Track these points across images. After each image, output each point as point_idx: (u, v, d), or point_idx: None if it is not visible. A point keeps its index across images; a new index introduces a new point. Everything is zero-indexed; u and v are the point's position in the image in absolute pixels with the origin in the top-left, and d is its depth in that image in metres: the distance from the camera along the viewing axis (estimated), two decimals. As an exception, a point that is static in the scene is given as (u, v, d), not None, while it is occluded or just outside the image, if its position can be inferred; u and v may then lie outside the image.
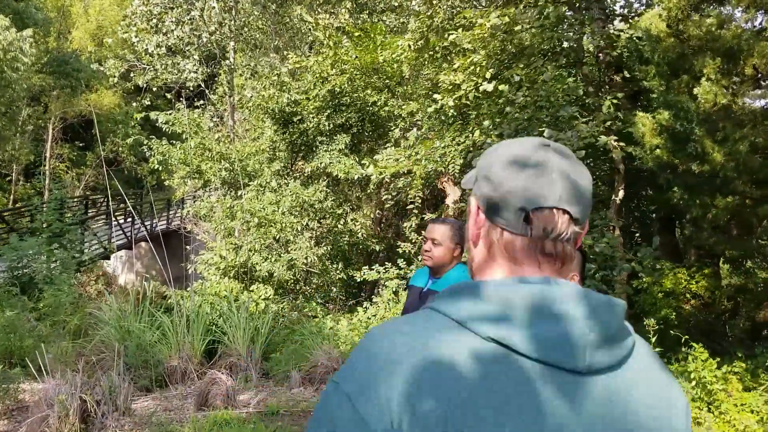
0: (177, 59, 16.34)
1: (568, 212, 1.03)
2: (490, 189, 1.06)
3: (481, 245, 1.10)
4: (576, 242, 1.06)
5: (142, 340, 8.77)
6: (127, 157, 31.90)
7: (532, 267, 1.04)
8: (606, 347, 0.96)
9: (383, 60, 12.50)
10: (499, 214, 1.05)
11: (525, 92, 9.11)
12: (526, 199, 1.02)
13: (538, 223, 1.02)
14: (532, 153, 1.06)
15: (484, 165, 1.11)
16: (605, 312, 0.97)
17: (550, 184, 1.02)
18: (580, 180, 1.06)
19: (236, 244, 12.96)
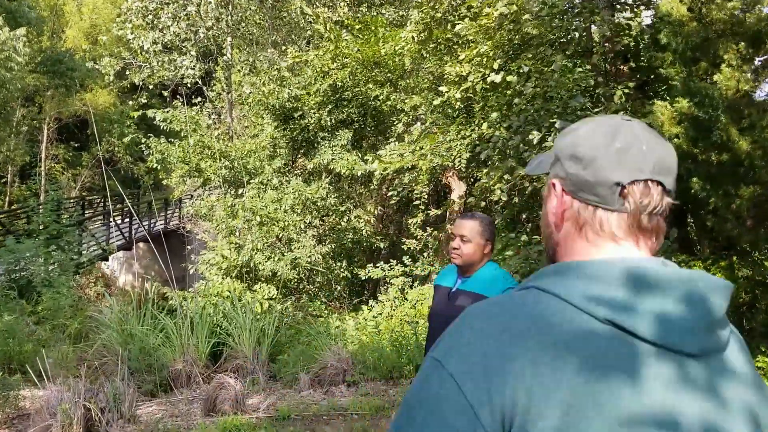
0: (174, 56, 16.07)
1: (661, 184, 1.00)
2: (580, 167, 1.03)
3: (569, 226, 1.07)
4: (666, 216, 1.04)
5: (145, 344, 8.57)
6: (123, 156, 31.61)
7: (630, 243, 1.02)
8: (716, 330, 0.95)
9: (385, 53, 12.26)
10: (592, 192, 1.02)
11: (534, 83, 8.89)
12: (621, 172, 0.99)
13: (634, 197, 1.00)
14: (617, 128, 1.03)
15: (567, 145, 1.08)
16: (718, 295, 0.95)
17: (643, 156, 1.00)
18: (667, 151, 1.03)
19: (238, 244, 12.73)
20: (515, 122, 8.90)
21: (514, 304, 0.97)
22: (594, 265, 0.97)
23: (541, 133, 8.34)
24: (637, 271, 0.94)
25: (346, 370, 7.84)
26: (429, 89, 12.56)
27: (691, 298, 0.93)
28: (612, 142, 1.02)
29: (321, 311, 12.69)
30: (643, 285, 0.93)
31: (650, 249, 1.03)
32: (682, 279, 0.95)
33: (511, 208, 10.46)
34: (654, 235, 1.03)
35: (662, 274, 0.94)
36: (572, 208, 1.06)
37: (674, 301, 0.92)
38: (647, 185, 0.99)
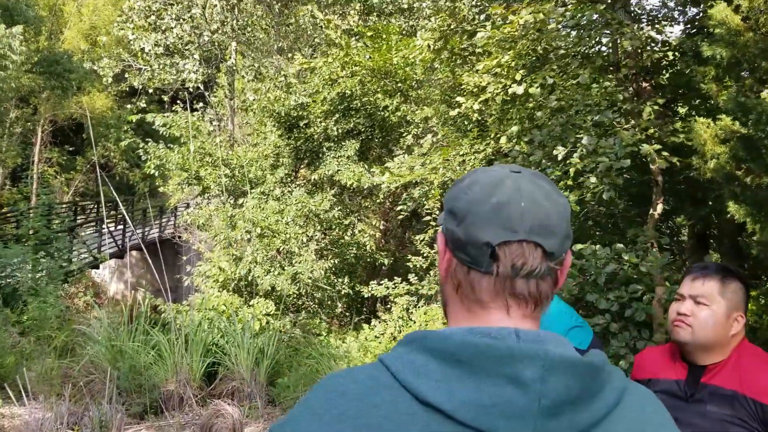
0: (176, 59, 15.63)
1: (540, 245, 0.92)
2: (455, 223, 0.98)
3: (450, 286, 1.02)
4: (556, 281, 0.97)
5: (136, 362, 8.05)
6: (118, 162, 31.18)
7: (499, 310, 0.96)
8: (568, 413, 0.86)
9: (396, 62, 11.83)
10: (464, 251, 0.96)
11: (559, 95, 8.45)
12: (492, 232, 0.92)
13: (505, 259, 0.92)
14: (499, 182, 0.97)
15: (449, 197, 1.02)
16: (566, 372, 0.86)
17: (520, 215, 0.92)
18: (555, 208, 0.95)
19: (236, 256, 12.22)
20: (537, 136, 8.45)
21: (348, 379, 0.93)
22: (436, 337, 0.90)
23: (566, 148, 7.89)
24: (476, 347, 0.87)
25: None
26: (441, 101, 12.12)
27: (528, 378, 0.84)
28: (488, 198, 0.95)
29: (321, 329, 12.16)
30: (473, 361, 0.86)
31: (524, 316, 0.96)
32: (525, 355, 0.86)
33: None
34: (531, 302, 0.95)
35: (503, 350, 0.86)
36: (452, 266, 1.00)
37: (504, 383, 0.85)
38: (521, 246, 0.92)
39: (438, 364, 0.88)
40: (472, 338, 0.89)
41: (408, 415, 0.86)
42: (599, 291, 7.24)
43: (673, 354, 2.27)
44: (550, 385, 0.85)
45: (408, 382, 0.87)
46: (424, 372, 0.88)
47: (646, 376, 2.29)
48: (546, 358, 0.86)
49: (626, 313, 6.90)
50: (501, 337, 0.90)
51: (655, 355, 2.37)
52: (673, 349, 2.29)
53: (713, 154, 6.01)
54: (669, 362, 2.27)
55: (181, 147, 13.57)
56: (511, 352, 0.86)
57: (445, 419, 0.85)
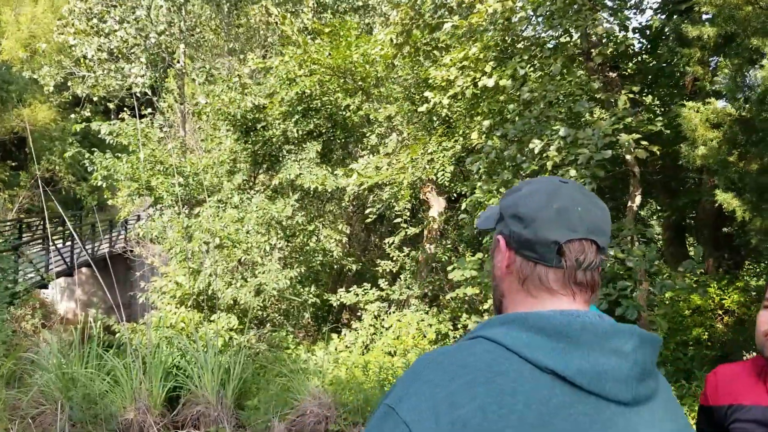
0: (121, 64, 14.83)
1: (595, 242, 1.10)
2: (521, 226, 1.13)
3: (513, 280, 1.15)
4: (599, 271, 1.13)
5: (90, 390, 7.40)
6: (64, 176, 29.94)
7: (568, 297, 1.11)
8: (647, 380, 1.04)
9: (357, 58, 11.34)
10: (532, 249, 1.11)
11: (531, 87, 8.10)
12: (559, 232, 1.09)
13: (570, 254, 1.09)
14: (555, 190, 1.14)
15: (510, 204, 1.17)
16: (648, 347, 1.05)
17: (579, 217, 1.10)
18: (600, 211, 1.14)
19: (194, 269, 11.56)
20: (510, 130, 8.07)
21: (463, 353, 1.03)
22: (536, 317, 1.04)
23: (542, 141, 7.53)
24: (576, 323, 1.02)
25: (329, 417, 6.80)
26: (405, 98, 11.70)
27: (623, 350, 1.02)
28: (551, 204, 1.11)
29: (288, 342, 11.58)
30: (581, 336, 1.01)
31: (585, 301, 1.12)
32: (617, 331, 1.03)
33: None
34: (589, 289, 1.12)
35: (599, 327, 1.02)
36: (515, 263, 1.14)
37: (609, 353, 1.01)
38: (582, 243, 1.09)
39: (544, 339, 1.01)
40: (569, 318, 1.03)
41: (534, 380, 0.98)
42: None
43: (760, 373, 1.84)
44: (640, 356, 1.03)
45: (525, 353, 0.99)
46: (536, 345, 1.00)
47: (726, 401, 1.86)
48: (638, 334, 1.04)
49: (616, 311, 6.56)
50: (590, 317, 1.04)
51: (735, 375, 1.91)
52: (758, 366, 1.85)
53: (705, 139, 5.70)
54: (756, 383, 1.83)
55: (129, 156, 12.81)
56: (613, 329, 1.03)
57: (564, 383, 0.98)
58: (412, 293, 11.48)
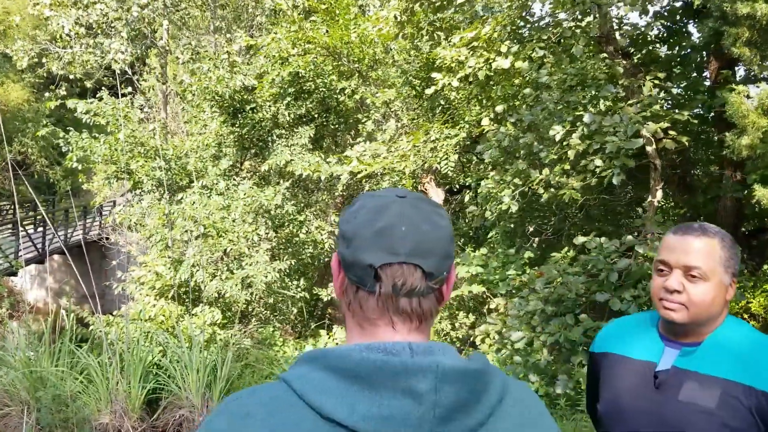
0: (100, 39, 14.00)
1: (419, 266, 1.00)
2: (344, 245, 1.06)
3: (344, 303, 1.08)
4: (440, 298, 1.06)
5: (61, 390, 6.70)
6: (37, 159, 28.98)
7: (386, 327, 1.03)
8: (458, 419, 0.95)
9: (354, 38, 10.69)
10: (352, 271, 1.03)
11: (550, 70, 7.54)
12: (375, 254, 1.00)
13: (387, 279, 1.00)
14: (383, 207, 1.05)
15: (341, 221, 1.11)
16: (458, 382, 0.95)
17: (401, 238, 1.00)
18: (434, 231, 1.03)
19: (176, 259, 10.86)
20: (527, 116, 7.50)
21: (253, 399, 0.99)
22: (336, 354, 0.97)
23: (564, 128, 6.98)
24: (372, 361, 0.94)
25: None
26: (405, 81, 11.08)
27: (417, 390, 0.92)
28: (374, 223, 1.02)
29: (274, 339, 10.93)
30: (374, 377, 0.93)
31: (410, 331, 1.03)
32: (416, 369, 0.93)
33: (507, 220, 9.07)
34: (416, 318, 1.02)
35: (397, 364, 0.94)
36: (343, 285, 1.07)
37: (402, 394, 0.92)
38: (401, 267, 0.99)
39: (338, 380, 0.94)
40: (369, 355, 0.95)
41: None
42: (611, 290, 6.35)
43: None
44: (442, 395, 0.93)
45: (311, 399, 0.93)
46: (326, 389, 0.94)
47: None
48: (437, 370, 0.93)
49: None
50: (396, 352, 0.97)
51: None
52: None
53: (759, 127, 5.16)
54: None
55: (107, 137, 12.05)
56: (405, 367, 0.93)
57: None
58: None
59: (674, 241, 1.80)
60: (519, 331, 6.47)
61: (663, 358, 1.84)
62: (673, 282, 1.76)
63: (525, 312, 6.62)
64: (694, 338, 1.81)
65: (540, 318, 6.50)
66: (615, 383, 1.92)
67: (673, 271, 1.78)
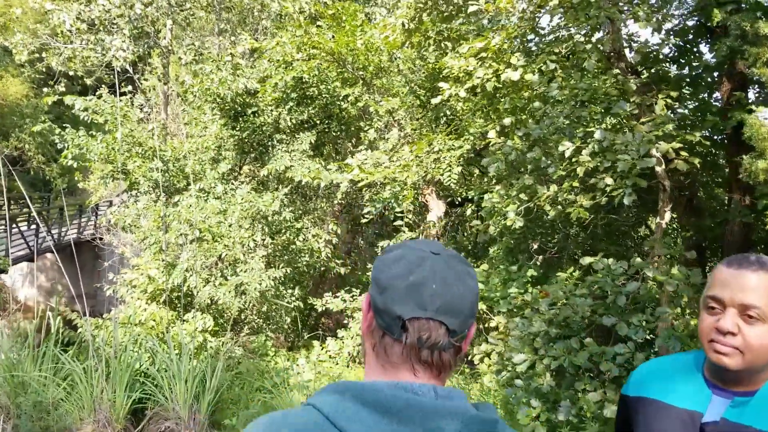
0: (101, 36, 13.78)
1: (444, 324, 1.06)
2: (377, 291, 1.10)
3: (368, 343, 1.14)
4: (459, 351, 1.10)
5: (43, 397, 6.47)
6: (34, 155, 28.68)
7: (408, 372, 1.08)
8: None
9: (360, 45, 10.49)
10: (382, 317, 1.09)
11: (561, 83, 7.35)
12: (405, 307, 1.05)
13: (413, 331, 1.05)
14: (419, 261, 1.10)
15: (375, 267, 1.15)
16: (476, 427, 1.00)
17: (431, 295, 1.06)
18: (463, 292, 1.09)
19: (169, 262, 10.61)
20: (535, 130, 7.31)
21: (285, 423, 1.01)
22: (370, 389, 1.02)
23: (573, 144, 6.78)
24: (402, 399, 1.00)
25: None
26: (410, 91, 10.89)
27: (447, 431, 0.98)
28: (407, 276, 1.07)
29: (266, 348, 10.67)
30: (404, 413, 0.98)
31: (429, 378, 1.08)
32: (444, 412, 1.00)
33: (509, 235, 8.86)
34: (435, 369, 1.08)
35: (425, 405, 1.00)
36: (372, 327, 1.12)
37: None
38: (428, 323, 1.05)
39: (369, 413, 0.98)
40: (397, 392, 1.01)
41: None
42: (618, 314, 6.13)
43: None
44: None
45: (344, 427, 0.97)
46: (359, 419, 0.98)
47: None
48: (464, 416, 1.01)
49: (656, 343, 5.83)
50: (422, 393, 1.03)
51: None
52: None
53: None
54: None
55: (105, 135, 11.81)
56: (435, 408, 1.00)
57: None
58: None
59: (728, 275, 1.58)
60: (521, 353, 6.24)
61: (710, 407, 1.62)
62: (728, 323, 1.55)
63: (527, 333, 6.40)
64: (748, 386, 1.58)
65: (543, 340, 6.28)
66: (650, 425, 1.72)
67: (726, 309, 1.56)
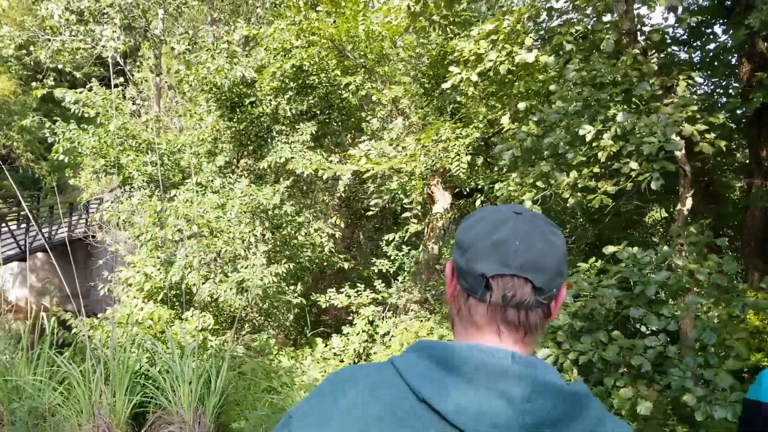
0: (91, 26, 13.37)
1: (530, 280, 1.03)
2: (459, 254, 1.10)
3: (453, 307, 1.14)
4: (548, 314, 1.07)
5: (38, 402, 6.13)
6: (23, 153, 28.23)
7: (492, 334, 1.06)
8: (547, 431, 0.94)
9: (363, 31, 10.14)
10: (465, 279, 1.08)
11: (578, 65, 7.05)
12: (488, 265, 1.04)
13: (497, 290, 1.04)
14: (502, 221, 1.08)
15: (458, 230, 1.15)
16: (550, 396, 0.96)
17: (515, 252, 1.03)
18: (548, 249, 1.05)
19: (166, 259, 10.26)
20: (552, 114, 6.99)
21: (363, 372, 1.07)
22: (441, 347, 1.03)
23: (594, 127, 6.48)
24: (475, 359, 0.99)
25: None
26: (414, 78, 10.55)
27: (511, 394, 0.95)
28: (490, 235, 1.06)
29: (268, 346, 10.33)
30: (473, 373, 0.97)
31: (515, 342, 1.06)
32: (516, 375, 0.97)
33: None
34: (521, 330, 1.05)
35: (497, 367, 0.98)
36: (455, 291, 1.13)
37: (497, 396, 0.95)
38: (512, 280, 1.03)
39: (439, 370, 0.99)
40: (472, 353, 1.00)
41: (407, 411, 0.98)
42: (646, 305, 5.83)
43: None
44: (534, 405, 0.95)
45: (412, 382, 1.00)
46: (428, 375, 0.99)
47: None
48: (534, 381, 0.97)
49: (691, 336, 5.52)
50: (498, 357, 1.00)
51: None
52: None
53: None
54: None
55: (97, 128, 11.41)
56: (504, 371, 0.97)
57: (439, 419, 0.96)
58: (412, 297, 10.33)
59: None
60: (545, 347, 5.93)
61: None
62: None
63: (549, 327, 6.09)
64: None
65: (565, 334, 5.98)
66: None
67: None
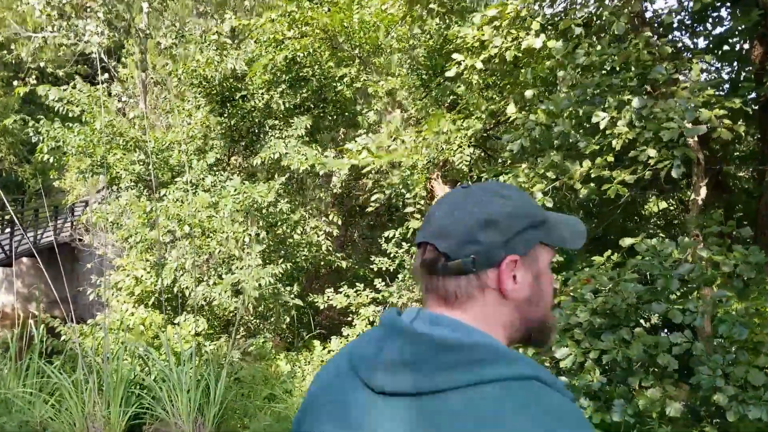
0: (73, 21, 12.97)
1: (434, 245, 1.06)
2: None
3: None
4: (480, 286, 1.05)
5: (30, 416, 5.79)
6: (5, 156, 27.68)
7: (428, 301, 1.10)
8: (404, 372, 0.98)
9: (357, 21, 9.83)
10: None
11: (587, 50, 6.78)
12: (419, 234, 1.12)
13: (417, 256, 1.11)
14: (446, 195, 1.14)
15: None
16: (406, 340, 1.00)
17: (428, 221, 1.10)
18: (462, 216, 1.06)
19: (158, 262, 9.91)
20: (562, 102, 6.71)
21: (340, 352, 1.16)
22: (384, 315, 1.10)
23: (607, 114, 6.22)
24: (384, 319, 1.07)
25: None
26: (412, 69, 10.26)
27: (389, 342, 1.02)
28: (432, 209, 1.13)
29: (264, 351, 9.99)
30: (376, 332, 1.06)
31: (440, 307, 1.07)
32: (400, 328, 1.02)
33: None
34: (441, 297, 1.07)
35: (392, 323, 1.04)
36: None
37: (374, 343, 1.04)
38: (424, 247, 1.09)
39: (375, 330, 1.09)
40: (390, 315, 1.07)
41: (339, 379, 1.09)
42: (668, 300, 5.57)
43: None
44: (387, 346, 1.01)
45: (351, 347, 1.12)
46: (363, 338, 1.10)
47: None
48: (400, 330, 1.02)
49: (719, 330, 5.27)
50: (403, 317, 1.07)
51: None
52: None
53: None
54: None
55: (83, 126, 11.03)
56: (392, 323, 1.04)
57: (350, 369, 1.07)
58: (413, 296, 10.03)
59: None
60: (564, 346, 5.65)
61: None
62: None
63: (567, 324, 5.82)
64: None
65: (584, 331, 5.70)
66: None
67: None
